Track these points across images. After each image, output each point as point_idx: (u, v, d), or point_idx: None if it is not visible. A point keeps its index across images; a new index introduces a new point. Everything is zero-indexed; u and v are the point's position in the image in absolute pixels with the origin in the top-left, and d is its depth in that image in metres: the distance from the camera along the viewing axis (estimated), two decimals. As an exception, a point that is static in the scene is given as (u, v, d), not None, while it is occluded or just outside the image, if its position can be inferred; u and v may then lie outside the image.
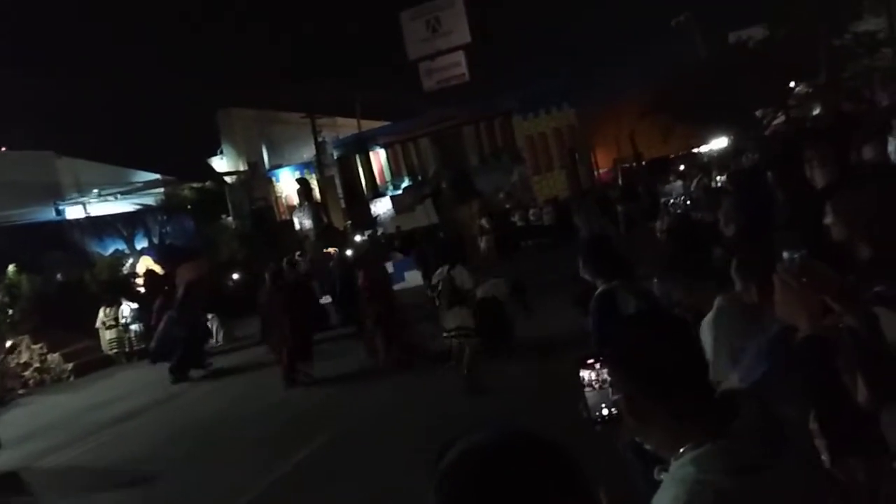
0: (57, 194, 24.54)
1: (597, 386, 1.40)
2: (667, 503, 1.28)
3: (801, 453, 1.36)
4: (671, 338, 1.40)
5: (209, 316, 15.85)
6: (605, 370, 1.40)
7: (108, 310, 16.93)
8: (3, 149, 24.55)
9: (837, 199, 1.95)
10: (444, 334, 7.96)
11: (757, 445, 1.29)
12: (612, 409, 1.39)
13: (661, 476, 1.36)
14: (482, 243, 19.46)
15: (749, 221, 3.17)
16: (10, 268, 17.82)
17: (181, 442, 8.51)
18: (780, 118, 23.28)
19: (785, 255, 1.59)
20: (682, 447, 1.32)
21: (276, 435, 7.78)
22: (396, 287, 14.96)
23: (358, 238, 21.59)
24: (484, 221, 20.28)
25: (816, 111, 21.19)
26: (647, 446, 1.43)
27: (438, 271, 8.26)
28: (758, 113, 23.79)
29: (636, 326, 1.52)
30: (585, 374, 1.41)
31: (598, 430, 1.42)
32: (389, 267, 15.50)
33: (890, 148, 5.59)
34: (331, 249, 19.23)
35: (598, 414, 1.40)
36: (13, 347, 16.32)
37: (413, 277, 15.70)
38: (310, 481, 6.19)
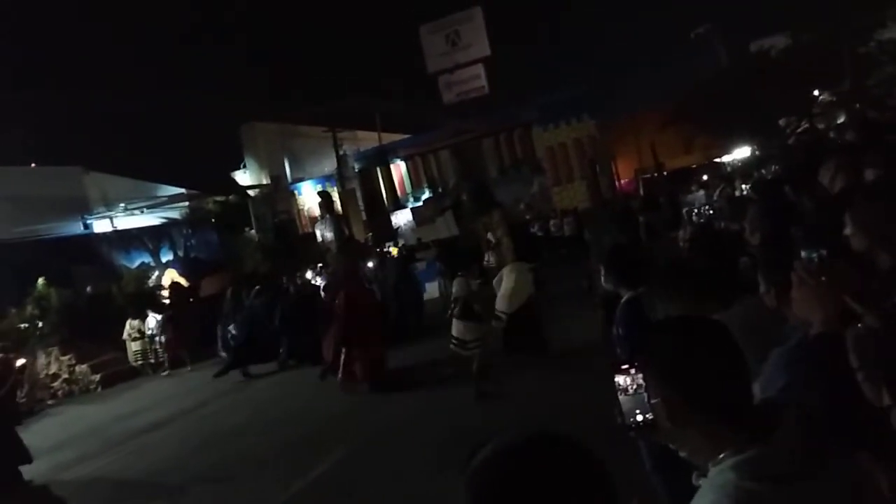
0: (84, 209, 25.04)
1: (631, 391, 1.36)
2: None
3: (843, 468, 1.33)
4: (712, 341, 1.36)
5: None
6: (639, 375, 1.36)
7: (134, 322, 17.19)
8: (33, 165, 25.12)
9: (856, 210, 1.95)
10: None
11: (798, 455, 1.26)
12: (647, 416, 1.35)
13: (700, 482, 1.34)
14: (490, 257, 19.38)
15: (774, 229, 3.16)
16: (40, 281, 18.18)
17: (206, 452, 8.60)
18: (804, 126, 23.05)
19: (803, 253, 1.59)
20: (721, 453, 1.29)
21: (300, 443, 7.84)
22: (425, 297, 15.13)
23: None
24: (490, 236, 20.15)
25: (841, 119, 20.96)
26: (682, 453, 1.39)
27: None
28: (781, 122, 23.57)
29: (676, 329, 1.46)
30: (620, 379, 1.37)
31: (632, 436, 1.38)
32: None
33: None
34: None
35: (632, 420, 1.36)
36: (23, 369, 16.53)
37: (433, 288, 15.75)
38: (333, 491, 6.23)
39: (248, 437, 8.94)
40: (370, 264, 16.44)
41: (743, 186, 13.90)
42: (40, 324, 17.59)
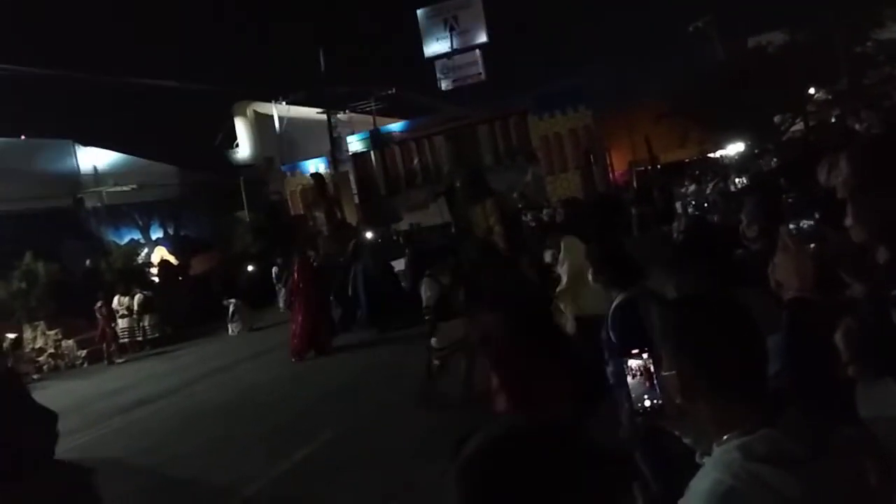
0: (75, 183, 24.79)
1: (641, 376, 1.37)
2: (707, 486, 1.25)
3: (847, 453, 1.32)
4: (730, 318, 1.35)
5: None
6: (650, 360, 1.37)
7: (121, 299, 17.10)
8: (22, 137, 24.83)
9: (858, 201, 1.94)
10: None
11: (805, 440, 1.26)
12: (655, 401, 1.36)
13: (703, 460, 1.34)
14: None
15: (771, 222, 3.14)
16: (28, 254, 18.04)
17: (189, 432, 8.58)
18: (799, 124, 23.12)
19: (791, 224, 1.59)
20: (727, 433, 1.29)
21: (285, 426, 7.82)
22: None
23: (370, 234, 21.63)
24: (492, 220, 20.06)
25: (834, 119, 21.01)
26: (686, 440, 1.39)
27: None
28: (776, 119, 23.62)
29: (694, 304, 1.45)
30: (631, 363, 1.38)
31: (640, 420, 1.40)
32: (400, 264, 15.41)
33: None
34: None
35: (640, 405, 1.37)
36: (17, 343, 16.49)
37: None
38: (318, 472, 6.23)
39: (234, 416, 8.93)
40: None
41: (737, 180, 13.96)
42: (27, 297, 17.48)
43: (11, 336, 16.21)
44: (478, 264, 4.63)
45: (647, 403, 1.37)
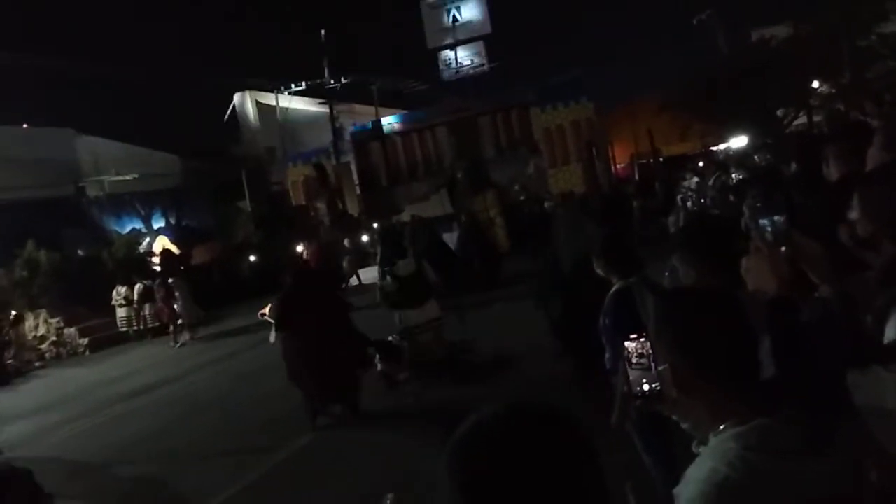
0: (76, 172, 24.73)
1: (639, 361, 1.36)
2: (703, 475, 1.25)
3: (846, 446, 1.33)
4: (725, 312, 1.36)
5: None
6: (648, 345, 1.36)
7: (122, 288, 17.11)
8: (24, 125, 24.78)
9: (865, 192, 1.90)
10: None
11: (801, 431, 1.27)
12: (654, 385, 1.35)
13: (699, 450, 1.34)
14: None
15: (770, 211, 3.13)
16: (29, 243, 18.05)
17: (188, 421, 8.60)
18: (802, 118, 23.03)
19: (761, 221, 1.59)
20: (723, 423, 1.30)
21: (283, 416, 7.76)
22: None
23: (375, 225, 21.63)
24: (493, 212, 20.03)
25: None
26: (684, 425, 1.40)
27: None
28: (779, 112, 23.52)
29: (690, 296, 1.45)
30: (630, 346, 1.38)
31: (638, 405, 1.39)
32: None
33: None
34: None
35: (638, 389, 1.37)
36: (18, 319, 16.54)
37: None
38: (310, 465, 6.26)
39: (232, 407, 8.94)
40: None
41: (735, 175, 13.92)
42: (29, 286, 17.51)
43: (13, 314, 16.32)
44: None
45: (646, 388, 1.36)
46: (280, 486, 5.95)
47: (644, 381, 1.36)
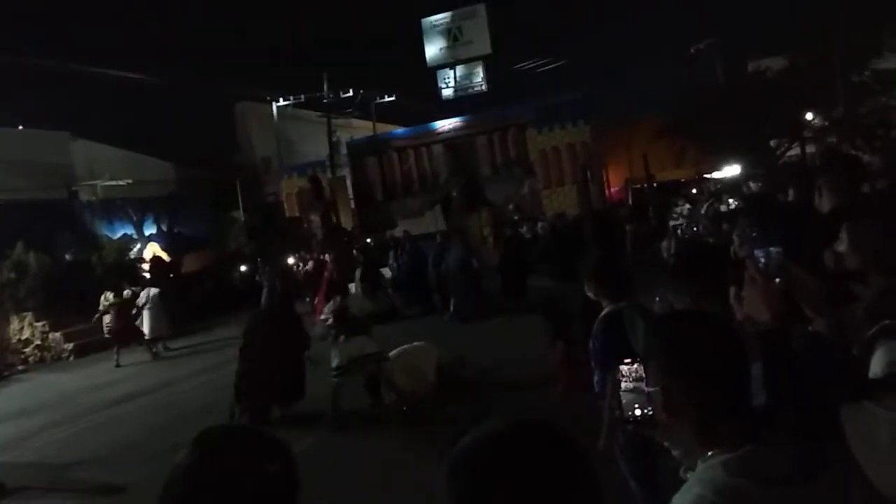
0: (70, 175, 24.67)
1: (631, 385, 1.36)
2: (689, 501, 1.24)
3: (837, 473, 1.32)
4: (716, 337, 1.35)
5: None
6: (640, 368, 1.36)
7: (110, 294, 16.94)
8: (20, 127, 24.74)
9: (853, 226, 1.92)
10: None
11: (791, 458, 1.26)
12: (646, 410, 1.35)
13: (687, 475, 1.33)
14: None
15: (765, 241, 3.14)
16: (18, 245, 17.93)
17: (172, 429, 8.48)
18: (795, 149, 23.26)
19: (756, 252, 1.59)
20: (711, 450, 1.29)
21: (274, 425, 7.76)
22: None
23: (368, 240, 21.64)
24: (486, 231, 20.11)
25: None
26: (675, 452, 1.39)
27: None
28: (772, 143, 23.76)
29: (682, 320, 1.45)
30: (623, 369, 1.38)
31: (630, 429, 1.39)
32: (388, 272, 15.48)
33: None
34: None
35: (630, 413, 1.37)
36: (2, 321, 16.35)
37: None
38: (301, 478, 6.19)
39: (218, 415, 8.85)
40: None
41: (730, 201, 14.04)
42: (16, 288, 17.36)
43: None
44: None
45: (638, 413, 1.36)
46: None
47: (636, 405, 1.36)
